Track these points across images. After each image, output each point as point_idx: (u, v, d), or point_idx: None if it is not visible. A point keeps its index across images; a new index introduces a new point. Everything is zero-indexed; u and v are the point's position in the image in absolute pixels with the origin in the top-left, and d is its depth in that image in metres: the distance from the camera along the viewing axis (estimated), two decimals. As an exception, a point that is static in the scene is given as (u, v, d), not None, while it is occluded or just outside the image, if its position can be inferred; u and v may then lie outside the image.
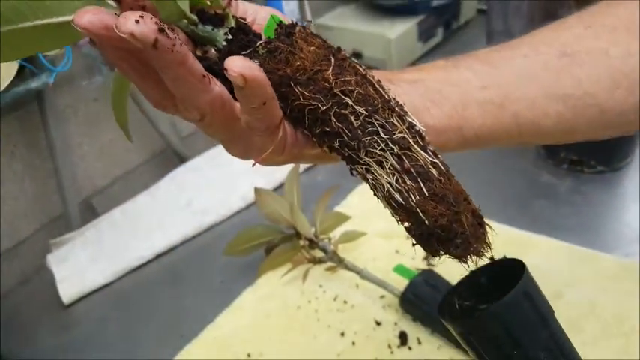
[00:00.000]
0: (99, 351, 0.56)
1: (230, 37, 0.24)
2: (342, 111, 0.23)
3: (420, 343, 0.47)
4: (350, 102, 0.23)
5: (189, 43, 0.25)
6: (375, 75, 0.26)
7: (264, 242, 0.60)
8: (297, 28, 0.24)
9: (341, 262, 0.54)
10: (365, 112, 0.23)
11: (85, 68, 0.75)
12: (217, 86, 0.23)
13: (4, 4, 0.20)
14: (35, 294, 0.67)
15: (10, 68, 0.64)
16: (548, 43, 0.30)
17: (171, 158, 0.91)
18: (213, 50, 0.25)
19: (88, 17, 0.20)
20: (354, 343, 0.48)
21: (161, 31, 0.20)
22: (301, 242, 0.57)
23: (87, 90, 0.79)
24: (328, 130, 0.23)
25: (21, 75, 0.65)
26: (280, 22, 0.24)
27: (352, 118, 0.23)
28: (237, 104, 0.24)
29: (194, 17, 0.24)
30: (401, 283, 0.49)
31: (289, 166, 0.61)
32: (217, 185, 0.78)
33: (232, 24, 0.24)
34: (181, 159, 0.88)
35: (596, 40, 0.30)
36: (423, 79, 0.29)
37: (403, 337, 0.47)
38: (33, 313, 0.64)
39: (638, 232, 0.54)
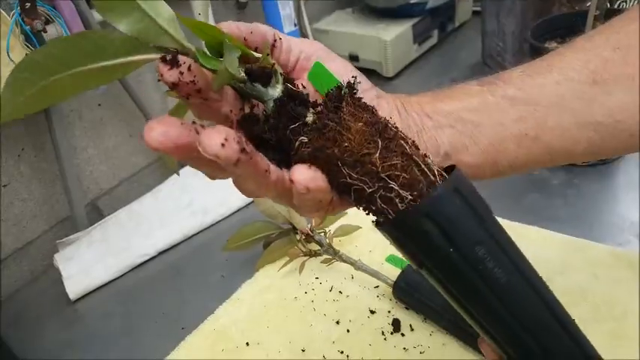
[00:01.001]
0: (104, 344, 0.57)
1: (279, 103, 0.24)
2: (388, 194, 0.23)
3: (412, 330, 0.47)
4: (395, 187, 0.23)
5: (238, 98, 0.26)
6: (415, 113, 0.29)
7: (262, 237, 0.61)
8: (345, 102, 0.24)
9: (336, 255, 0.55)
10: (410, 197, 0.23)
11: (89, 73, 0.76)
12: (275, 173, 0.24)
13: (42, 54, 0.20)
14: (43, 291, 0.68)
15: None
16: (578, 69, 0.30)
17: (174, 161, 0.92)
18: (261, 105, 0.25)
19: (157, 138, 0.20)
20: (348, 331, 0.48)
21: (242, 150, 0.21)
22: (298, 237, 0.57)
23: (91, 95, 0.80)
24: (373, 208, 0.24)
25: (27, 80, 0.67)
26: (328, 92, 0.25)
27: (397, 200, 0.23)
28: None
29: (243, 76, 0.24)
30: (394, 273, 0.49)
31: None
32: (216, 186, 0.78)
33: (280, 82, 0.25)
34: (182, 163, 0.89)
35: (624, 65, 0.30)
36: (459, 110, 0.30)
37: (396, 325, 0.47)
38: (41, 310, 0.65)
39: (630, 223, 0.55)
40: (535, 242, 0.53)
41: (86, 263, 0.68)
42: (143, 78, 0.87)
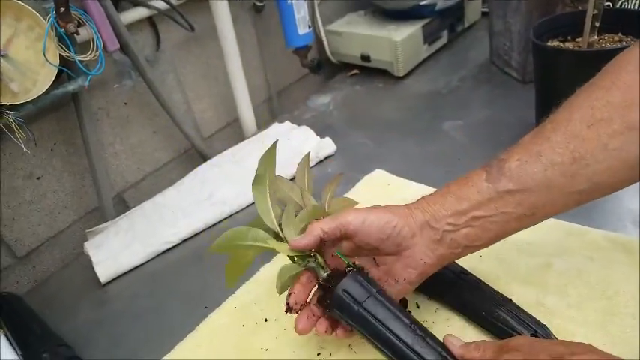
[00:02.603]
0: (132, 321, 0.61)
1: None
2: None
3: (418, 307, 0.50)
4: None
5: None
6: (431, 204, 0.43)
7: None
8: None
9: (348, 240, 0.58)
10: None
11: (116, 73, 0.81)
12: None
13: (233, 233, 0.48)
14: (74, 276, 0.72)
15: (50, 73, 0.70)
16: (561, 153, 0.38)
17: (194, 156, 0.97)
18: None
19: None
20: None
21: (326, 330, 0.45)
22: (312, 223, 0.61)
23: (117, 93, 0.85)
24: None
25: (59, 79, 0.71)
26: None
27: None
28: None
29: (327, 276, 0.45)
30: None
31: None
32: (235, 179, 0.83)
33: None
34: (203, 157, 0.94)
35: (597, 139, 0.37)
36: (473, 209, 0.41)
37: (403, 302, 0.50)
38: (73, 293, 0.69)
39: (627, 211, 0.57)
40: (536, 229, 0.55)
41: (114, 250, 0.73)
42: (166, 77, 0.92)
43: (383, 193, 0.71)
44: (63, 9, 0.67)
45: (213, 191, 0.82)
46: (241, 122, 1.02)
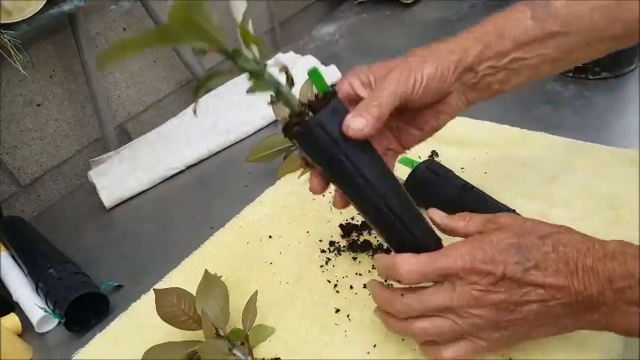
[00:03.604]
0: (139, 242, 0.62)
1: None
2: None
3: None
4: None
5: None
6: (475, 44, 0.38)
7: (283, 149, 0.63)
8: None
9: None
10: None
11: (113, -3, 0.77)
12: None
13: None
14: (79, 202, 0.73)
15: (44, -7, 0.67)
16: None
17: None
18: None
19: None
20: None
21: None
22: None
23: (115, 18, 0.82)
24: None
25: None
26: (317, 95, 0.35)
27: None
28: None
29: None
30: (404, 173, 0.52)
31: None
32: (239, 108, 0.81)
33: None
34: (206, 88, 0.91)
35: None
36: (511, 51, 0.38)
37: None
38: (79, 217, 0.70)
39: (634, 129, 0.56)
40: (542, 146, 0.55)
41: (119, 177, 0.72)
42: (164, 5, 0.88)
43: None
44: None
45: (218, 120, 0.80)
46: (242, 52, 0.98)
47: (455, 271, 0.33)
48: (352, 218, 0.53)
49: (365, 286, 0.45)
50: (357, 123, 0.34)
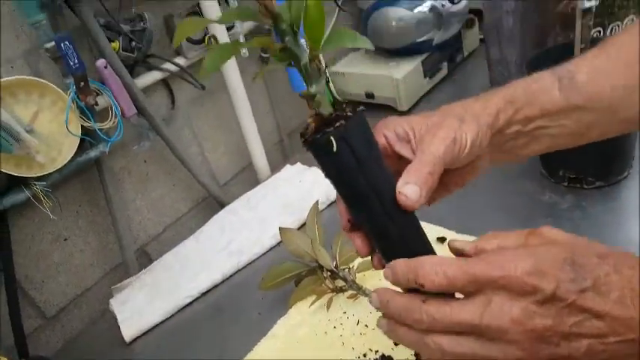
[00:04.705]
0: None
1: None
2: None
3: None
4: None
5: None
6: (506, 108, 0.37)
7: (292, 276, 0.64)
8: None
9: (360, 290, 0.57)
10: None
11: (135, 135, 0.83)
12: None
13: None
14: (101, 336, 0.73)
15: (73, 142, 0.73)
16: (626, 75, 0.37)
17: (212, 203, 0.98)
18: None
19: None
20: (374, 363, 0.51)
21: None
22: (324, 274, 0.61)
23: (137, 153, 0.87)
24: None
25: (82, 146, 0.74)
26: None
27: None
28: None
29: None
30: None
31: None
32: (252, 226, 0.84)
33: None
34: (220, 204, 0.95)
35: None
36: (537, 117, 0.38)
37: (418, 356, 0.49)
38: (99, 352, 0.70)
39: (628, 241, 0.55)
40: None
41: (138, 306, 0.74)
42: (182, 132, 0.94)
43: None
44: (82, 83, 0.70)
45: (231, 239, 0.82)
46: (255, 167, 1.03)
47: (492, 279, 0.27)
48: (364, 355, 0.52)
49: None
50: (413, 194, 0.31)
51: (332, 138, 0.30)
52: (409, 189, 0.31)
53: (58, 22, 0.73)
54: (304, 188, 0.89)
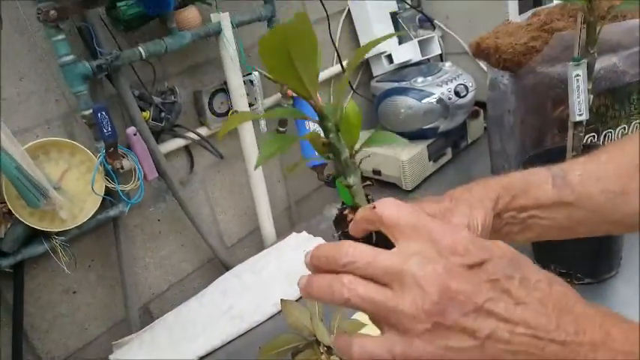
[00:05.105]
0: None
1: None
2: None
3: None
4: None
5: None
6: (505, 194, 0.40)
7: (290, 349, 0.65)
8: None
9: (354, 369, 0.59)
10: None
11: (152, 196, 0.88)
12: None
13: None
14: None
15: (95, 201, 0.78)
16: (614, 181, 0.40)
17: (217, 265, 1.01)
18: None
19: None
20: None
21: None
22: (321, 349, 0.62)
23: (152, 212, 0.92)
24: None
25: (102, 205, 0.79)
26: None
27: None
28: None
29: None
30: None
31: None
32: (254, 291, 0.86)
33: None
34: (226, 266, 0.97)
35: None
36: (531, 208, 0.41)
37: None
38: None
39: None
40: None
41: (136, 365, 0.74)
42: (196, 195, 0.99)
43: (390, 314, 0.72)
44: (112, 149, 0.76)
45: (233, 303, 0.84)
46: (262, 232, 1.06)
47: (436, 240, 0.29)
48: None
49: None
50: None
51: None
52: None
53: (97, 91, 0.80)
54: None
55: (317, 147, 0.36)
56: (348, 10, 1.21)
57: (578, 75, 0.57)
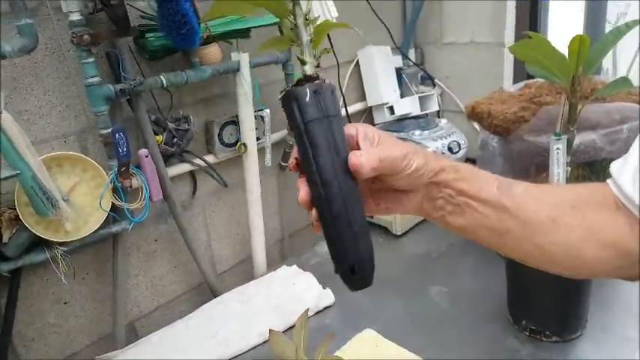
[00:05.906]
0: None
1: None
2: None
3: None
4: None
5: None
6: (452, 172, 0.44)
7: (272, 378, 0.67)
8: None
9: (335, 403, 0.60)
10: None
11: (155, 217, 0.90)
12: None
13: None
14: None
15: (100, 216, 0.80)
16: (548, 209, 0.43)
17: (205, 290, 1.02)
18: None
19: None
20: None
21: None
22: (304, 381, 0.64)
23: (150, 232, 0.94)
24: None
25: (106, 220, 0.81)
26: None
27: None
28: None
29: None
30: None
31: (304, 308, 0.70)
32: (241, 320, 0.87)
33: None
34: (214, 292, 0.98)
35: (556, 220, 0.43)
36: (471, 198, 0.44)
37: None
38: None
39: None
40: None
41: (118, 382, 0.75)
42: (195, 219, 1.01)
43: (371, 354, 0.74)
44: (124, 168, 0.79)
45: (219, 329, 0.85)
46: (253, 262, 1.08)
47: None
48: None
49: None
50: (364, 160, 0.40)
51: (308, 89, 0.38)
52: (362, 156, 0.40)
53: (116, 112, 0.84)
54: (296, 292, 0.93)
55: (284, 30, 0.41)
56: (357, 60, 1.28)
57: (558, 148, 0.63)
